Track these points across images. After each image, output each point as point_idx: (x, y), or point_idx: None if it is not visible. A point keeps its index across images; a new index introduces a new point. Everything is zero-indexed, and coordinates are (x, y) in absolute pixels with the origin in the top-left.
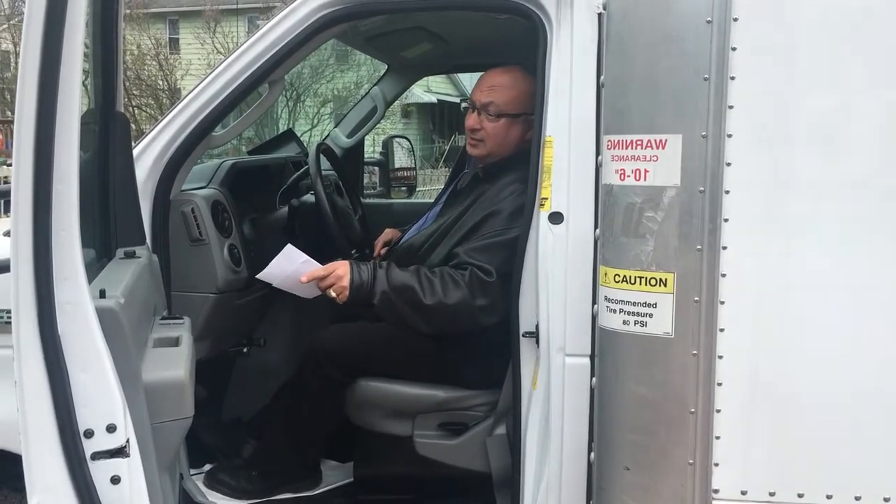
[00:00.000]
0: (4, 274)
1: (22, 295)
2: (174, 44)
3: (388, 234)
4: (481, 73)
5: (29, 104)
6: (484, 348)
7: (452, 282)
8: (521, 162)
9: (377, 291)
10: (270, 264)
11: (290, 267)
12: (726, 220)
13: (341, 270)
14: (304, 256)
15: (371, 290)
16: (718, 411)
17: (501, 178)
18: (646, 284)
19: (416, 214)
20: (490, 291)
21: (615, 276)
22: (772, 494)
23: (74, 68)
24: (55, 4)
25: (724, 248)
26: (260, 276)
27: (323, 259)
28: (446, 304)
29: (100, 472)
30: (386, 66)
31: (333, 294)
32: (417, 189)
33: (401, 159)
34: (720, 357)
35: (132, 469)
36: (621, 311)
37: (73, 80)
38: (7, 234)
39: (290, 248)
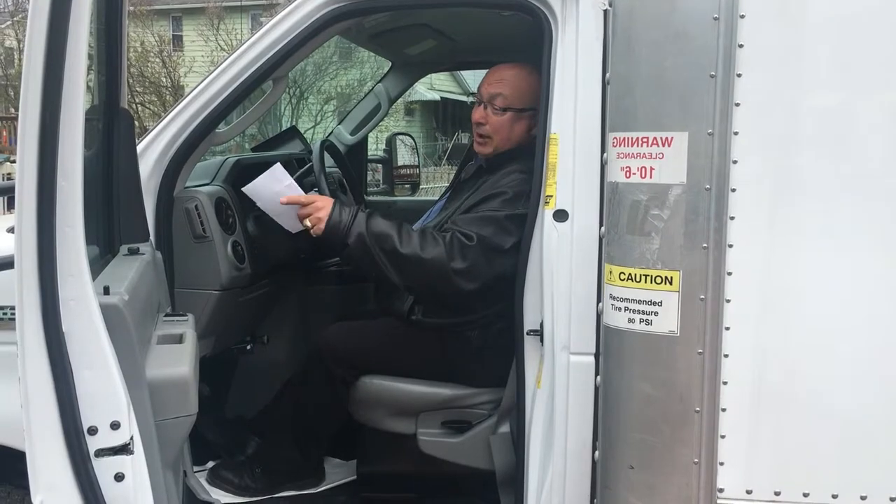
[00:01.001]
0: (9, 270)
1: (26, 291)
2: (178, 41)
3: None
4: (487, 70)
5: (33, 101)
6: (488, 346)
7: (432, 239)
8: (525, 153)
9: (353, 233)
10: (255, 180)
11: (276, 187)
12: (732, 218)
13: (322, 203)
14: (290, 180)
15: (347, 231)
16: (724, 410)
17: (504, 167)
18: (651, 282)
19: (419, 212)
20: (469, 255)
21: (620, 274)
22: (777, 494)
23: (78, 65)
24: (59, 1)
25: (730, 246)
26: (245, 189)
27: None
28: (422, 256)
29: (103, 469)
30: (389, 64)
31: (309, 224)
32: (420, 187)
33: (404, 157)
34: (726, 356)
35: (136, 466)
36: (626, 309)
37: (78, 77)
38: (11, 230)
39: (278, 167)
